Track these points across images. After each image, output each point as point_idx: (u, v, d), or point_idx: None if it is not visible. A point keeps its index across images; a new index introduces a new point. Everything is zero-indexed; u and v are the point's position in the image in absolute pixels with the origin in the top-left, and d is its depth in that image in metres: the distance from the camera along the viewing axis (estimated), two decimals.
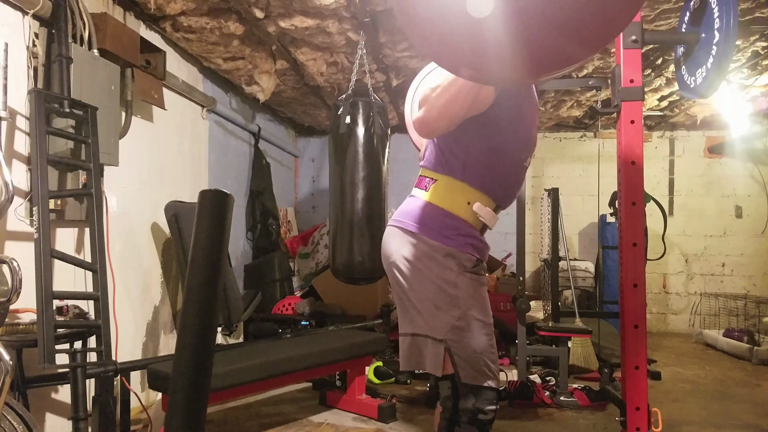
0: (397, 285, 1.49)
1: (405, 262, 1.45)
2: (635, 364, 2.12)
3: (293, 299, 4.55)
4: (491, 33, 0.92)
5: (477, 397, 1.40)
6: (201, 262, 0.89)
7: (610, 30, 0.95)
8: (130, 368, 2.45)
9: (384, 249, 1.54)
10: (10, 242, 2.25)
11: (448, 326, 1.42)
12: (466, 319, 1.43)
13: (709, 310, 5.60)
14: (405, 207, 1.53)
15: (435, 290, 1.43)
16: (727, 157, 5.89)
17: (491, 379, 1.44)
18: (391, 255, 1.49)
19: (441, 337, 1.42)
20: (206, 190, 0.89)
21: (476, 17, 0.90)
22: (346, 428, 2.87)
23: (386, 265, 1.53)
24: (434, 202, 1.46)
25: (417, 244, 1.44)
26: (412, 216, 1.47)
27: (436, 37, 0.97)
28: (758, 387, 3.73)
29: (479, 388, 1.42)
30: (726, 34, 1.93)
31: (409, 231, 1.46)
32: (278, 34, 3.42)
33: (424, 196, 1.48)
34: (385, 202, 3.53)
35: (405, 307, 1.49)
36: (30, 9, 2.28)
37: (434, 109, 1.31)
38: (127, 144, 2.90)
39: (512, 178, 1.53)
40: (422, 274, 1.43)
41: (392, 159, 3.61)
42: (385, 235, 1.55)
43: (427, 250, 1.43)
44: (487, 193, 1.46)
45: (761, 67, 3.87)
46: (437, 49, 1.00)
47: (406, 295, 1.47)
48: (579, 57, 0.99)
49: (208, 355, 0.89)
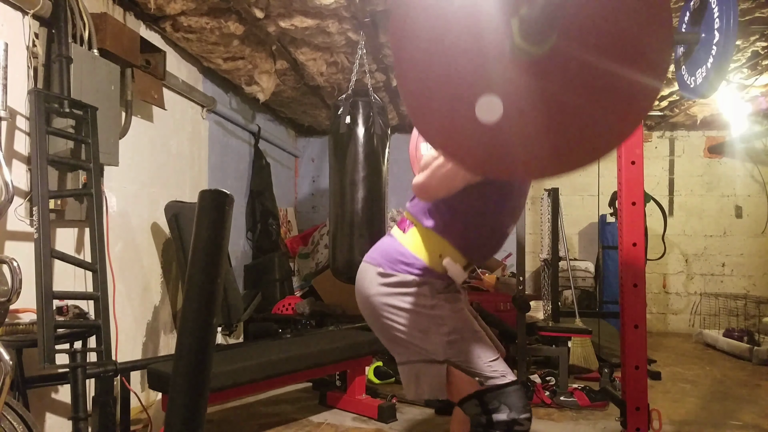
0: (377, 320, 1.51)
1: (381, 297, 1.48)
2: (635, 364, 2.12)
3: (293, 299, 4.55)
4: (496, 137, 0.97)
5: (510, 406, 1.36)
6: (201, 262, 0.89)
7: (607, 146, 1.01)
8: (130, 368, 2.45)
9: (359, 286, 1.56)
10: (10, 242, 2.25)
11: (442, 344, 1.43)
12: (457, 332, 1.44)
13: (709, 310, 5.60)
14: (380, 245, 1.58)
15: (415, 317, 1.45)
16: (727, 157, 5.89)
17: (509, 374, 1.43)
18: (367, 291, 1.51)
19: (442, 359, 1.42)
20: (206, 190, 0.89)
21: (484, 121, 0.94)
22: (346, 428, 2.87)
23: (362, 301, 1.55)
24: (408, 247, 1.50)
25: (390, 279, 1.48)
26: (385, 255, 1.52)
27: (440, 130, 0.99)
28: (758, 387, 3.73)
29: (505, 389, 1.39)
30: (726, 34, 1.93)
31: (381, 268, 1.50)
32: (278, 34, 3.42)
33: (400, 238, 1.53)
34: (385, 202, 3.53)
35: (392, 340, 1.50)
36: (30, 9, 2.28)
37: (434, 179, 1.36)
38: (127, 144, 2.90)
39: (492, 242, 1.56)
40: (399, 305, 1.46)
41: (392, 159, 3.61)
42: (360, 272, 1.57)
43: (399, 282, 1.47)
44: (461, 252, 1.50)
45: (761, 67, 3.87)
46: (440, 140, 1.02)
47: (388, 329, 1.49)
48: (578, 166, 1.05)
49: (208, 355, 0.89)
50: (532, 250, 5.68)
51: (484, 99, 0.94)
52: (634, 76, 0.97)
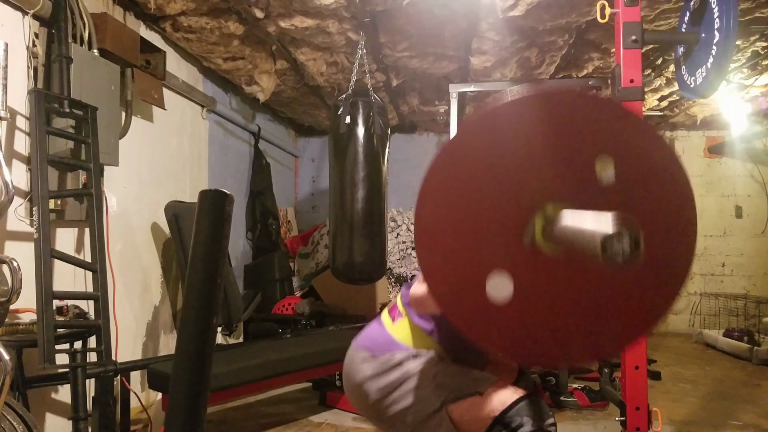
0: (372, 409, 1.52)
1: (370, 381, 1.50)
2: (635, 364, 2.12)
3: (293, 299, 4.55)
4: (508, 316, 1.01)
5: (533, 417, 1.36)
6: (201, 262, 0.89)
7: None
8: (130, 368, 2.46)
9: (347, 374, 1.58)
10: (10, 242, 2.25)
11: (433, 391, 1.43)
12: (442, 373, 1.45)
13: (709, 310, 5.60)
14: (370, 332, 1.61)
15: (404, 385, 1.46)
16: (727, 157, 5.89)
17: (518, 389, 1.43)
18: (357, 375, 1.54)
19: (439, 404, 1.43)
20: (206, 190, 0.89)
21: (494, 300, 0.99)
22: (346, 428, 2.87)
23: (352, 389, 1.56)
24: (396, 336, 1.53)
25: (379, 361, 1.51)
26: (374, 342, 1.55)
27: (450, 299, 1.06)
28: (758, 387, 3.73)
29: (521, 403, 1.38)
30: (726, 34, 1.93)
31: (369, 351, 1.54)
32: (278, 34, 3.42)
33: (390, 328, 1.56)
34: (385, 202, 3.53)
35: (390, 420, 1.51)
36: (30, 9, 2.28)
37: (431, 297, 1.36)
38: (127, 144, 2.90)
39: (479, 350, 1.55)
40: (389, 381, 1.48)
41: (392, 159, 3.61)
42: (347, 359, 1.60)
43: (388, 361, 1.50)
44: (447, 353, 1.52)
45: (761, 67, 3.87)
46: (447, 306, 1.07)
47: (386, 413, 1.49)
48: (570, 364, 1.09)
49: (208, 355, 0.89)
50: None
51: (495, 277, 0.99)
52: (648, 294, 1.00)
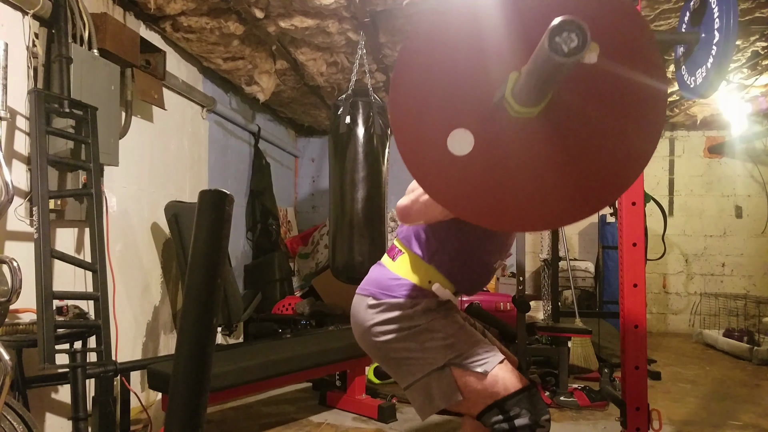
0: (376, 349, 1.52)
1: (376, 326, 1.50)
2: (635, 364, 2.12)
3: (293, 299, 4.55)
4: (469, 173, 1.02)
5: (530, 410, 1.36)
6: (201, 262, 0.89)
7: None
8: (130, 368, 2.45)
9: (354, 319, 1.58)
10: (10, 242, 2.25)
11: (441, 348, 1.43)
12: (453, 336, 1.45)
13: (709, 310, 5.60)
14: (371, 275, 1.60)
15: (411, 335, 1.46)
16: (727, 157, 5.89)
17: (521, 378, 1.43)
18: (362, 323, 1.54)
19: (443, 363, 1.42)
20: (206, 190, 0.89)
21: (455, 155, 1.00)
22: (346, 428, 2.87)
23: (360, 333, 1.56)
24: (398, 272, 1.53)
25: (383, 305, 1.50)
26: (377, 284, 1.55)
27: (419, 165, 1.06)
28: (758, 387, 3.73)
29: (523, 394, 1.39)
30: (726, 34, 1.93)
31: (372, 297, 1.53)
32: (278, 34, 3.42)
33: (390, 266, 1.56)
34: (385, 202, 3.53)
35: (395, 364, 1.51)
36: (30, 9, 2.28)
37: (417, 204, 1.36)
38: (127, 144, 2.90)
39: (478, 276, 1.57)
40: (394, 328, 1.48)
41: (392, 159, 3.60)
42: (353, 305, 1.60)
43: (392, 305, 1.49)
44: (450, 280, 1.52)
45: (761, 67, 3.87)
46: (418, 174, 1.07)
47: (387, 354, 1.50)
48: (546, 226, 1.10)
49: (208, 355, 0.89)
50: (532, 250, 5.68)
51: (457, 132, 0.99)
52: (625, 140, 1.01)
